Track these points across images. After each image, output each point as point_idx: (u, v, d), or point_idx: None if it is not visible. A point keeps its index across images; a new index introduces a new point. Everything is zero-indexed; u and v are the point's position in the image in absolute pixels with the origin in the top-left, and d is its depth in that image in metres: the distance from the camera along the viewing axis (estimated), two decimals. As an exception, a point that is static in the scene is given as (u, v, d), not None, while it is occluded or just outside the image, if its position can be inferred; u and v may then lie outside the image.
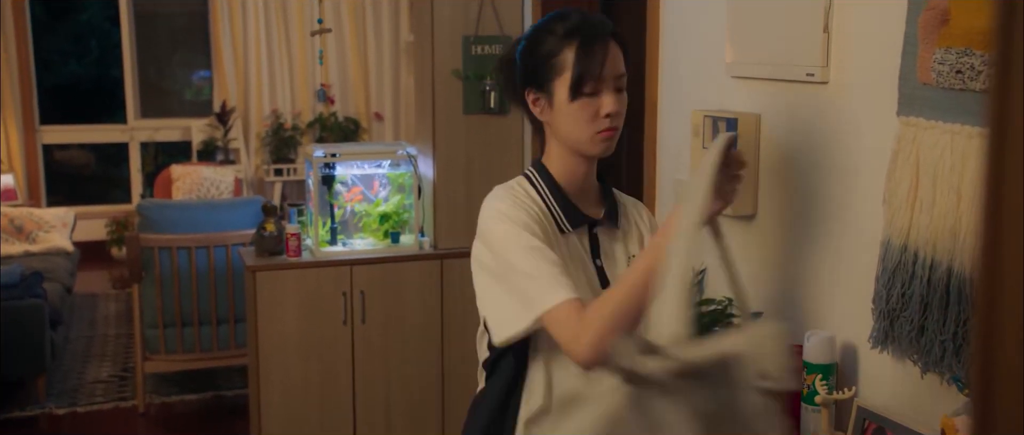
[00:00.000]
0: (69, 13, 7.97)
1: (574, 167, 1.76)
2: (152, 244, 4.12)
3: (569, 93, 1.67)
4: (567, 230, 1.72)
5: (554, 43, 1.68)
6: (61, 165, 7.73)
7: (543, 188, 1.73)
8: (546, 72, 1.68)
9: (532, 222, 1.65)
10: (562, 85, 1.67)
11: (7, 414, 4.23)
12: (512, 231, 1.63)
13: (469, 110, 3.71)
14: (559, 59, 1.67)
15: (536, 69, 1.69)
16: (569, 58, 1.66)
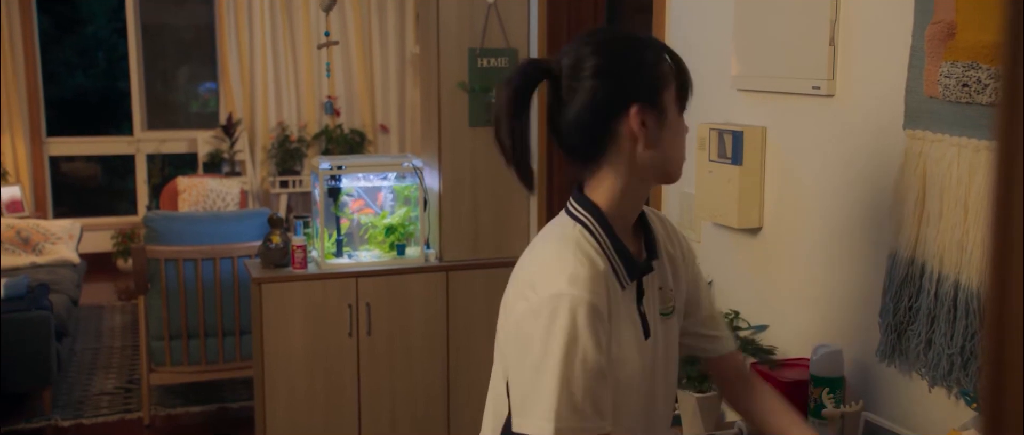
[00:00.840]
0: (76, 25, 8.00)
1: (638, 201, 1.50)
2: (158, 256, 4.13)
3: (677, 105, 1.46)
4: (627, 284, 1.46)
5: (652, 53, 1.45)
6: (67, 177, 7.75)
7: (605, 241, 1.44)
8: (655, 82, 1.43)
9: (604, 317, 1.38)
10: (670, 98, 1.44)
11: (13, 426, 4.23)
12: (585, 341, 1.34)
13: (475, 122, 3.72)
14: (663, 69, 1.44)
15: (646, 79, 1.43)
16: (668, 68, 1.45)
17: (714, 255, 2.50)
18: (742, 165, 2.25)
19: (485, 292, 3.81)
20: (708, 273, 2.52)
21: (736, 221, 2.29)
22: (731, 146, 2.28)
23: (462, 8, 3.66)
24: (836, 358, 1.89)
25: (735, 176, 2.27)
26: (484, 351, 3.84)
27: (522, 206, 3.83)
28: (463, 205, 3.76)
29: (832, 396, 1.86)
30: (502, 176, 3.78)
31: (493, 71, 3.70)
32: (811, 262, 2.11)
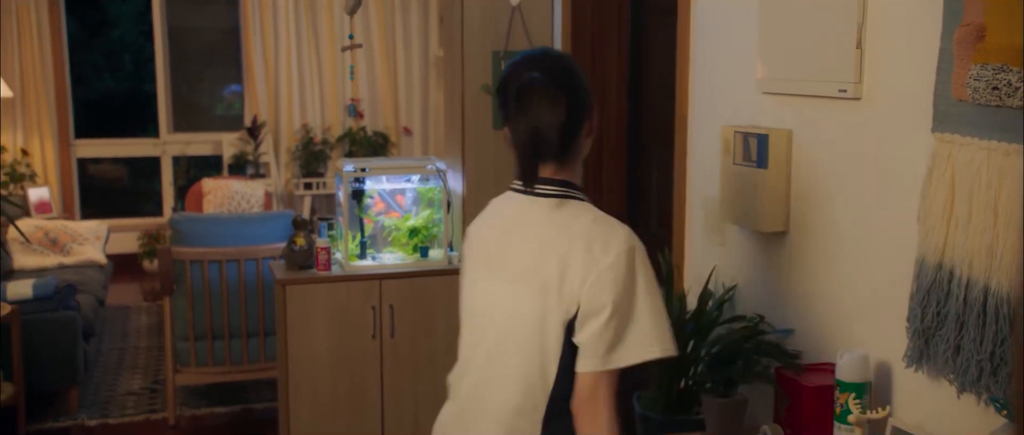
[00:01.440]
0: (104, 28, 8.08)
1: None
2: (183, 257, 4.16)
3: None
4: None
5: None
6: (95, 178, 7.83)
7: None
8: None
9: None
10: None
11: (40, 425, 4.27)
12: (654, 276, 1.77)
13: (498, 125, 3.70)
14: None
15: (589, 94, 1.83)
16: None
17: (738, 258, 2.49)
18: (767, 168, 2.24)
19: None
20: (732, 276, 2.51)
21: (761, 224, 2.28)
22: (756, 149, 2.27)
23: (486, 10, 3.66)
24: (862, 363, 1.87)
25: (760, 179, 2.25)
26: (507, 354, 3.83)
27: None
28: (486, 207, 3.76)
29: (858, 402, 1.84)
30: (525, 179, 3.78)
31: (517, 74, 3.69)
32: (837, 266, 2.09)
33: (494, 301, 1.81)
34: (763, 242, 2.37)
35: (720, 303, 2.48)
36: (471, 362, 1.86)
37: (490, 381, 1.80)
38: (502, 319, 1.79)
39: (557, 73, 1.77)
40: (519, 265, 1.77)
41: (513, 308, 1.76)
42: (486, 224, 1.91)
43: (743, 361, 2.28)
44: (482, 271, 1.86)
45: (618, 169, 3.69)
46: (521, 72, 1.78)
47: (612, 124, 3.67)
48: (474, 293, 1.88)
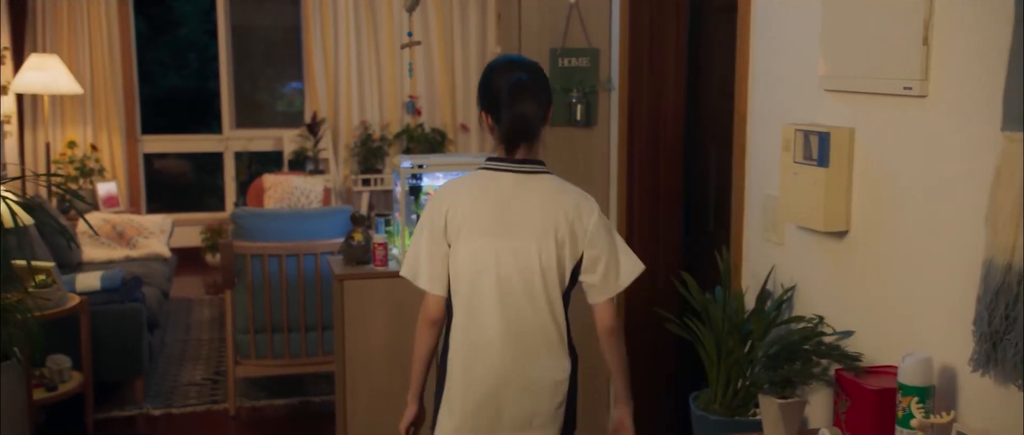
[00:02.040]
0: (170, 27, 8.26)
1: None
2: (244, 251, 4.23)
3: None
4: None
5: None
6: (160, 173, 8.01)
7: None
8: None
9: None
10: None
11: (107, 414, 4.38)
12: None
13: (555, 122, 3.71)
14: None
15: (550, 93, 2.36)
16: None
17: (798, 258, 2.46)
18: (828, 167, 2.20)
19: (564, 292, 3.80)
20: (791, 277, 2.48)
21: (821, 224, 2.24)
22: (817, 147, 2.23)
23: (543, 8, 3.66)
24: (926, 366, 1.83)
25: (821, 178, 2.22)
26: (562, 351, 3.83)
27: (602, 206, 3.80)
28: (542, 205, 3.76)
29: (921, 406, 1.80)
30: (582, 177, 3.77)
31: (574, 71, 3.69)
32: (900, 267, 2.05)
33: (495, 256, 2.24)
34: (823, 242, 2.33)
35: (779, 303, 2.45)
36: (487, 307, 2.26)
37: (520, 314, 2.26)
38: (516, 267, 2.24)
39: (536, 76, 2.29)
40: (527, 225, 2.25)
41: (524, 260, 2.24)
42: (472, 197, 2.28)
43: (802, 362, 2.25)
44: (480, 234, 2.26)
45: (675, 167, 3.66)
46: (508, 73, 2.27)
47: (669, 122, 3.64)
48: (473, 252, 2.26)
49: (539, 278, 2.25)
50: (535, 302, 2.25)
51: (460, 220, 2.27)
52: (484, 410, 2.28)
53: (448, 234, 2.29)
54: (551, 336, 2.28)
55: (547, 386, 2.29)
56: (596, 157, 3.78)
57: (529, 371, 2.27)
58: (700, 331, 2.51)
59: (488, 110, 2.29)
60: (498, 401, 2.27)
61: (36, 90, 6.47)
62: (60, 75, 6.48)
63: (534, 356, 2.27)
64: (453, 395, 2.31)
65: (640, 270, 2.34)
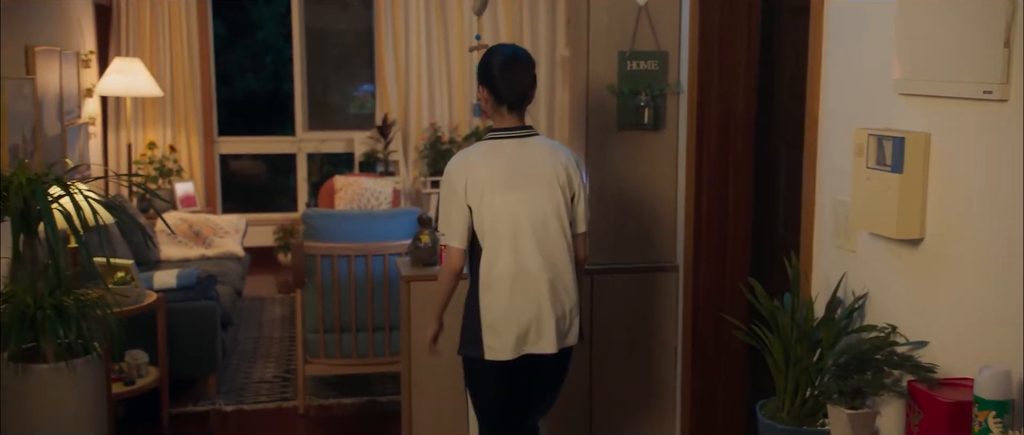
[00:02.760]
0: (248, 31, 8.45)
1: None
2: (314, 252, 4.30)
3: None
4: None
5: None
6: (235, 174, 8.20)
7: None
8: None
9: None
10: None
11: (182, 409, 4.50)
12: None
13: (622, 125, 3.69)
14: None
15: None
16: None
17: (870, 266, 2.40)
18: (903, 172, 2.14)
19: (629, 297, 3.78)
20: (863, 284, 2.42)
21: (895, 231, 2.18)
22: (891, 152, 2.17)
23: (612, 10, 3.64)
24: (1004, 380, 1.77)
25: (895, 184, 2.16)
26: (627, 354, 3.81)
27: (670, 211, 3.77)
28: (609, 209, 3.74)
29: (999, 421, 1.74)
30: (649, 180, 3.74)
31: (642, 74, 3.66)
32: (977, 276, 1.98)
33: (519, 205, 2.81)
34: (897, 249, 2.27)
35: (850, 311, 2.40)
36: (514, 247, 2.81)
37: (542, 250, 2.82)
38: (532, 213, 2.81)
39: (525, 55, 2.93)
40: (539, 178, 2.84)
41: (541, 205, 2.83)
42: (485, 163, 2.83)
43: (873, 372, 2.19)
44: (501, 191, 2.81)
45: (744, 170, 3.61)
46: (504, 49, 2.91)
47: (739, 124, 3.59)
48: (496, 204, 2.81)
49: (554, 219, 2.84)
50: (553, 239, 2.84)
51: (481, 184, 2.80)
52: (528, 329, 2.83)
53: (469, 198, 2.82)
54: (569, 265, 2.87)
55: (572, 305, 2.89)
56: (664, 161, 3.74)
57: (559, 294, 2.85)
58: (768, 338, 2.47)
59: (485, 82, 2.89)
60: (539, 321, 2.83)
61: (119, 93, 6.68)
62: (142, 78, 6.68)
63: (559, 282, 2.85)
64: (497, 321, 2.83)
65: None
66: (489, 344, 2.85)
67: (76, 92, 6.03)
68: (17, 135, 4.52)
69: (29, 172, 3.33)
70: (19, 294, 3.33)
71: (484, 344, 2.86)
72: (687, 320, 3.72)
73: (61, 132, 5.49)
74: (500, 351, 2.85)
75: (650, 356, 3.82)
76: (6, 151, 4.30)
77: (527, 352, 2.86)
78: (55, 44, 5.51)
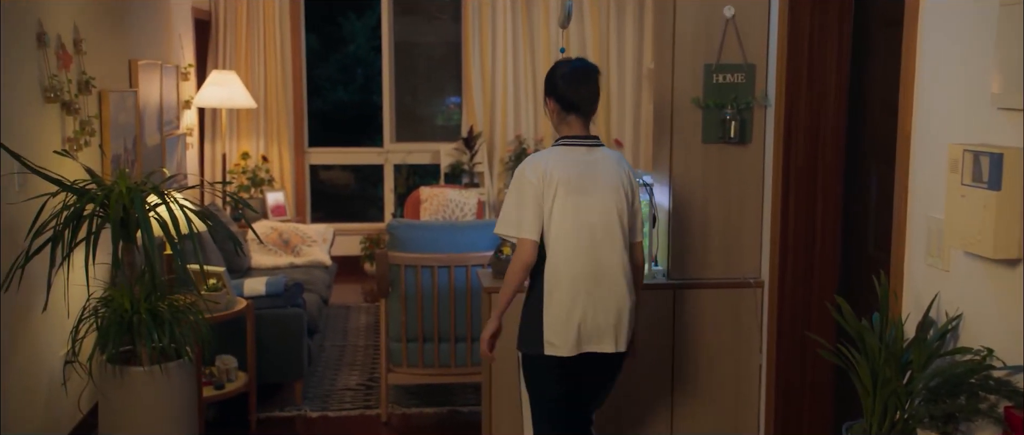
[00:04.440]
0: (339, 44, 8.63)
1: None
2: (398, 262, 4.36)
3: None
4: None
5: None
6: (324, 184, 8.37)
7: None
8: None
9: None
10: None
11: (269, 413, 4.60)
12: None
13: (707, 139, 3.65)
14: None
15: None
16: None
17: (964, 286, 2.31)
18: (1001, 190, 2.06)
19: (712, 312, 3.72)
20: (957, 305, 2.33)
21: (992, 251, 2.10)
22: (988, 169, 2.10)
23: (698, 22, 3.60)
24: (1107, 410, 1.68)
25: (992, 202, 2.08)
26: (710, 368, 3.75)
27: (754, 226, 3.71)
28: (693, 223, 3.70)
29: (1101, 452, 1.65)
30: (734, 195, 3.68)
31: (728, 87, 3.61)
32: (1080, 300, 1.89)
33: (587, 208, 2.94)
34: (994, 270, 2.18)
35: (942, 333, 2.31)
36: (581, 249, 2.94)
37: (605, 253, 2.96)
38: (600, 217, 2.95)
39: (591, 67, 3.05)
40: (606, 185, 2.98)
41: (608, 210, 2.97)
42: (559, 165, 2.95)
43: (967, 397, 2.11)
44: (573, 193, 2.94)
45: (834, 185, 3.52)
46: (568, 61, 3.06)
47: (829, 139, 3.50)
48: (567, 205, 2.93)
49: (617, 225, 2.98)
50: (616, 243, 2.98)
51: (555, 183, 2.93)
52: (589, 328, 2.95)
53: (544, 196, 2.94)
54: (627, 269, 3.01)
55: (629, 307, 3.00)
56: (750, 175, 3.68)
57: (618, 295, 2.97)
58: (855, 359, 2.40)
59: (551, 93, 3.03)
60: (600, 321, 2.95)
61: (215, 104, 6.90)
62: (237, 90, 6.89)
63: (619, 284, 2.98)
64: (558, 319, 2.95)
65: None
66: (549, 340, 2.96)
67: (175, 104, 6.25)
68: (120, 145, 4.70)
69: (129, 181, 3.46)
70: (117, 298, 3.46)
71: (545, 341, 2.97)
72: (771, 338, 3.64)
73: (160, 142, 5.70)
74: (561, 347, 2.96)
75: (733, 374, 3.76)
76: (109, 160, 4.49)
77: (586, 351, 2.97)
78: (156, 57, 5.73)
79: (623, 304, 2.99)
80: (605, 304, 2.96)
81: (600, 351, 2.99)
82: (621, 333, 3.01)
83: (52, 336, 3.80)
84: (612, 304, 2.97)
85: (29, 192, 3.52)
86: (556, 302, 2.96)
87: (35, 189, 3.52)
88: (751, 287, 3.70)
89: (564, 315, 2.95)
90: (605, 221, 2.96)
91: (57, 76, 3.89)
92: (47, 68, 3.81)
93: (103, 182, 3.50)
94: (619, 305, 2.98)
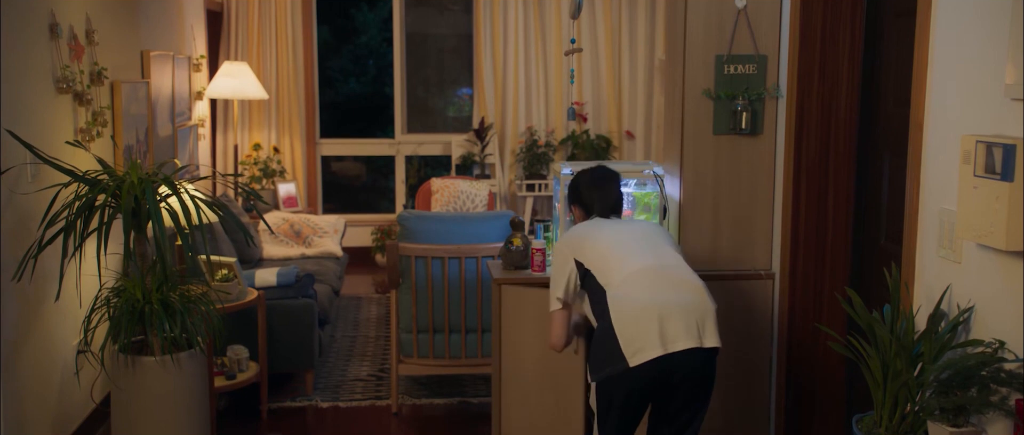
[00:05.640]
0: (351, 36, 8.64)
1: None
2: (409, 253, 4.36)
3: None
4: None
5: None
6: (336, 175, 8.39)
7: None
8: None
9: None
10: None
11: (279, 403, 4.62)
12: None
13: (718, 130, 3.63)
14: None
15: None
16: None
17: (976, 278, 2.30)
18: (1013, 181, 2.05)
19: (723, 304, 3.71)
20: (969, 297, 2.32)
21: (1004, 242, 2.09)
22: (1001, 160, 2.08)
23: (710, 14, 3.59)
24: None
25: (1004, 193, 2.07)
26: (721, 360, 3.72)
27: (765, 218, 3.69)
28: (704, 215, 3.69)
29: (1113, 445, 1.64)
30: (745, 186, 3.67)
31: (740, 78, 3.60)
32: (1093, 292, 1.88)
33: (632, 230, 3.04)
34: (1006, 262, 2.17)
35: (954, 325, 2.30)
36: (633, 252, 2.91)
37: (662, 254, 2.95)
38: (644, 233, 3.04)
39: (610, 170, 3.22)
40: (639, 226, 3.09)
41: (650, 231, 3.05)
42: (587, 227, 3.05)
43: (978, 389, 2.11)
44: (605, 234, 2.99)
45: (845, 177, 3.51)
46: (587, 171, 3.21)
47: (841, 130, 3.49)
48: (602, 238, 2.98)
49: (661, 238, 3.06)
50: (664, 249, 3.03)
51: (582, 240, 3.02)
52: (663, 325, 2.79)
53: (575, 254, 3.00)
54: (688, 268, 2.98)
55: (707, 297, 2.90)
56: (761, 166, 3.67)
57: (691, 284, 2.89)
58: (866, 351, 2.39)
59: (575, 202, 3.18)
60: (669, 315, 2.82)
61: (227, 95, 6.91)
62: (249, 82, 6.90)
63: (688, 273, 2.93)
64: (631, 318, 2.79)
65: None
66: (629, 352, 2.71)
67: (187, 95, 6.27)
68: (132, 136, 4.72)
69: (140, 172, 3.48)
70: (129, 288, 3.48)
71: (625, 355, 2.71)
72: (782, 330, 3.63)
73: (172, 133, 5.72)
74: (647, 349, 2.69)
75: (744, 365, 3.75)
76: (121, 151, 4.50)
77: (669, 351, 2.69)
78: (169, 49, 5.74)
79: (698, 289, 2.79)
80: (679, 292, 2.77)
81: (681, 349, 2.69)
82: (708, 324, 2.75)
83: (65, 326, 3.82)
84: (688, 294, 2.77)
85: (41, 183, 3.54)
86: (625, 306, 2.76)
87: (47, 180, 3.54)
88: (762, 279, 3.69)
89: (638, 310, 2.73)
90: (643, 237, 2.97)
91: (69, 67, 3.91)
92: (59, 59, 3.83)
93: (115, 173, 3.51)
94: (696, 293, 2.78)
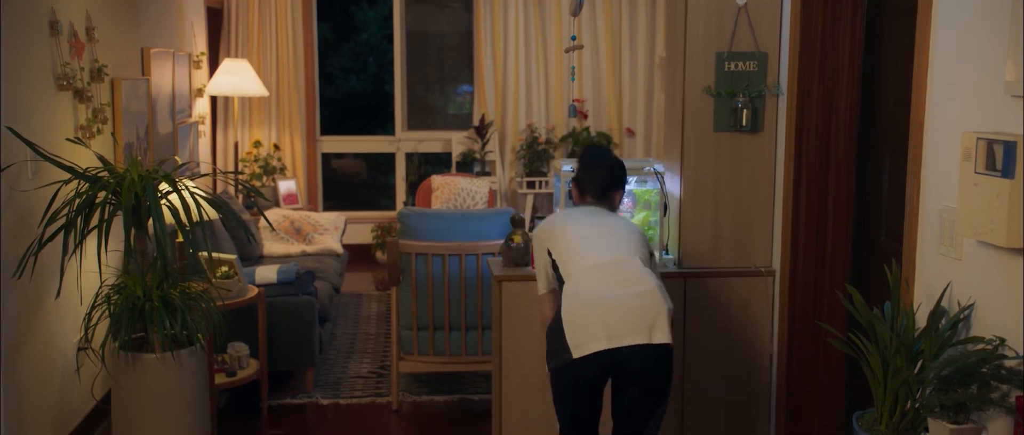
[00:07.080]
0: (351, 33, 8.63)
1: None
2: (409, 250, 4.36)
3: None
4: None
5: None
6: (336, 172, 8.39)
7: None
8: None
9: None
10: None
11: (280, 400, 4.62)
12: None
13: (719, 127, 3.63)
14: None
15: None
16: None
17: (977, 275, 2.30)
18: (1014, 178, 2.05)
19: (723, 301, 3.72)
20: (969, 295, 2.32)
21: (1004, 240, 2.09)
22: (1002, 157, 2.08)
23: (710, 11, 3.58)
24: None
25: (1005, 190, 2.07)
26: (721, 360, 3.74)
27: (766, 215, 3.69)
28: (704, 212, 3.69)
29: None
30: (745, 184, 3.67)
31: (741, 75, 3.59)
32: (1094, 290, 1.88)
33: (601, 229, 3.00)
34: (1007, 259, 2.17)
35: (954, 322, 2.30)
36: (592, 247, 2.95)
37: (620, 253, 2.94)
38: (611, 233, 3.01)
39: (612, 157, 3.21)
40: (616, 221, 3.05)
41: (620, 231, 3.02)
42: (568, 214, 3.09)
43: (978, 386, 2.11)
44: (574, 229, 3.01)
45: (845, 175, 3.51)
46: (591, 150, 3.24)
47: (841, 128, 3.49)
48: (568, 233, 3.02)
49: (630, 240, 3.02)
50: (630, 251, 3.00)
51: (558, 230, 3.07)
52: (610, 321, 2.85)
53: (549, 243, 3.07)
54: (646, 268, 2.97)
55: (660, 293, 2.93)
56: (761, 164, 3.67)
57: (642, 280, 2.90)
58: (866, 348, 2.40)
59: (574, 180, 3.17)
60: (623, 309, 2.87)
61: (227, 93, 6.91)
62: (249, 79, 6.90)
63: (640, 270, 2.94)
64: (578, 314, 2.87)
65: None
66: (574, 343, 2.78)
67: (187, 92, 6.26)
68: (132, 133, 4.72)
69: (141, 169, 3.48)
70: (129, 286, 3.48)
71: (570, 344, 2.79)
72: (783, 327, 3.64)
73: (173, 130, 5.71)
74: (590, 342, 2.75)
75: (744, 362, 3.75)
76: (121, 148, 4.50)
77: (615, 346, 2.74)
78: (169, 46, 5.74)
79: (650, 287, 2.80)
80: (629, 288, 2.79)
81: (628, 344, 2.74)
82: (658, 322, 2.77)
83: (65, 323, 3.82)
84: (640, 292, 2.79)
85: (42, 180, 3.54)
86: (574, 300, 2.83)
87: (48, 177, 3.54)
88: (762, 276, 3.69)
89: (584, 305, 2.80)
90: (614, 233, 2.97)
91: (69, 64, 3.91)
92: (60, 56, 3.83)
93: (115, 170, 3.51)
94: (648, 291, 2.79)
